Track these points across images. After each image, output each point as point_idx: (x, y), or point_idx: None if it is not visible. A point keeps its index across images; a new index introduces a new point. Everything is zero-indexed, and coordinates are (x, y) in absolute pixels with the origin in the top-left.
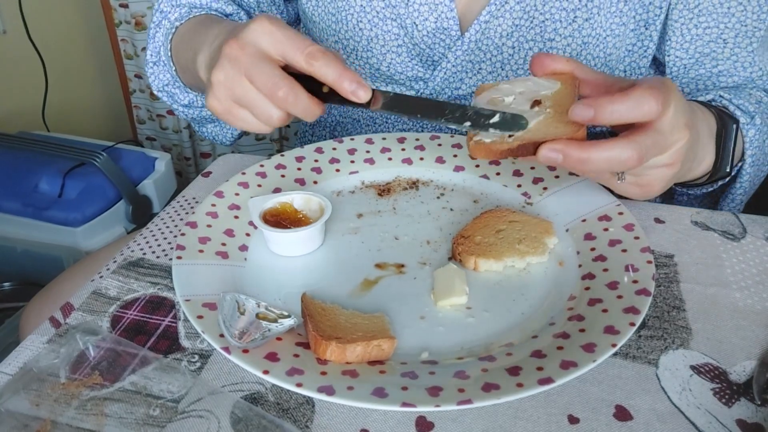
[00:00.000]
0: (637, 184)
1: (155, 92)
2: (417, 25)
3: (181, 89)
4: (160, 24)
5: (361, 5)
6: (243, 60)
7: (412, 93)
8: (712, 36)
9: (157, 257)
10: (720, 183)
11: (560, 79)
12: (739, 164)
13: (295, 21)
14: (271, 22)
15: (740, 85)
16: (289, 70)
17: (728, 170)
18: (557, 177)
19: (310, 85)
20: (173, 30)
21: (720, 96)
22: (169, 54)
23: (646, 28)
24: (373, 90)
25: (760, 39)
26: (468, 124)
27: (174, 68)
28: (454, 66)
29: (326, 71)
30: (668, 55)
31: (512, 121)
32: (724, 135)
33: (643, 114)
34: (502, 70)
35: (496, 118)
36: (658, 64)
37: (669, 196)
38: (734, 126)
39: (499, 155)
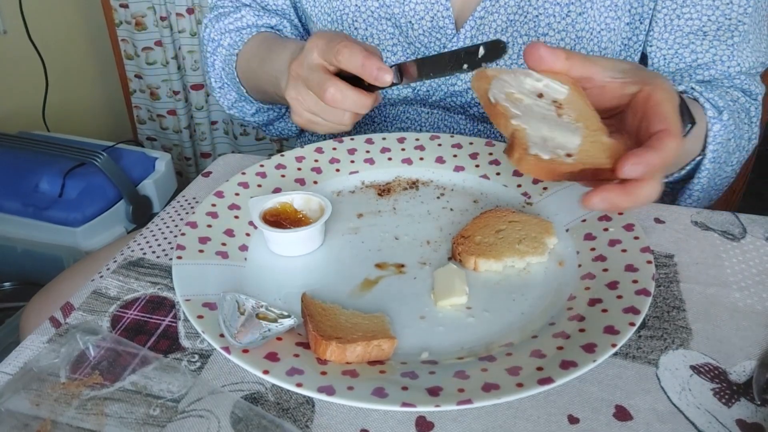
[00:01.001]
0: None
1: (227, 110)
2: (413, 24)
3: (248, 102)
4: (216, 52)
5: (356, 5)
6: (303, 74)
7: (409, 90)
8: (693, 28)
9: (157, 257)
10: (676, 176)
11: (560, 79)
12: (699, 158)
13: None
14: (318, 36)
15: (717, 79)
16: (344, 73)
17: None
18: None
19: (360, 81)
20: (234, 57)
21: (692, 88)
22: (237, 79)
23: (641, 23)
24: (398, 66)
25: (743, 33)
26: (466, 66)
27: (244, 90)
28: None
29: (350, 63)
30: (650, 45)
31: (493, 47)
32: None
33: (672, 160)
34: (497, 65)
35: (481, 52)
36: (643, 57)
37: None
38: (689, 126)
39: (558, 177)
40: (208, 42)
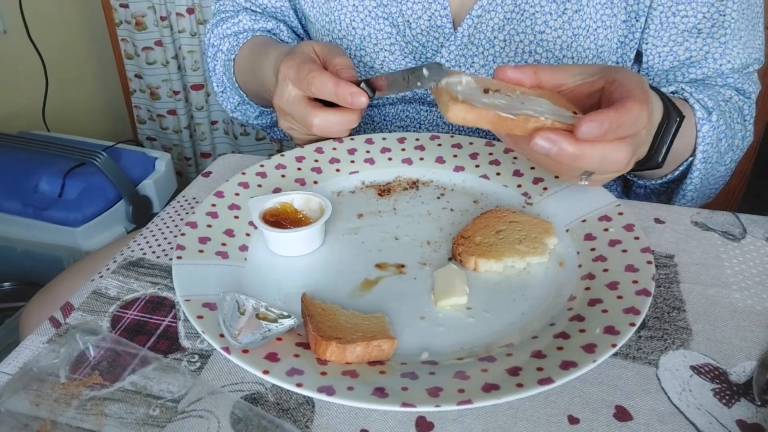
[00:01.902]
0: (595, 180)
1: (230, 114)
2: (410, 23)
3: (250, 106)
4: (216, 57)
5: (354, 5)
6: (285, 109)
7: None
8: (688, 26)
9: (157, 257)
10: (669, 177)
11: (543, 95)
12: (690, 159)
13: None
14: (287, 66)
15: (710, 77)
16: None
17: (659, 161)
18: (557, 177)
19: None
20: (231, 62)
21: (682, 89)
22: (236, 83)
23: (636, 20)
24: (370, 84)
25: (732, 30)
26: (419, 84)
27: (244, 94)
28: (447, 61)
29: (322, 92)
30: (645, 43)
31: (435, 69)
32: (665, 127)
33: (638, 128)
34: (494, 63)
35: (425, 72)
36: (638, 55)
37: (627, 191)
38: (677, 119)
39: (492, 125)
40: (208, 47)
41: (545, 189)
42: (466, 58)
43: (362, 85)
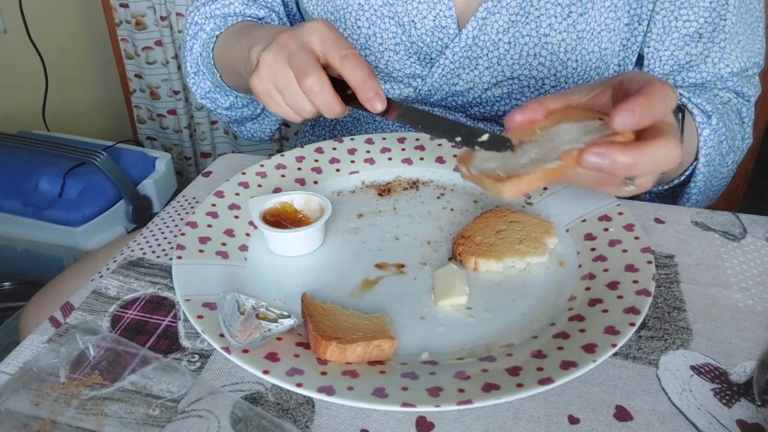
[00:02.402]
0: (640, 185)
1: (199, 100)
2: (415, 23)
3: (222, 94)
4: (197, 36)
5: (359, 3)
6: (290, 48)
7: (410, 90)
8: (689, 30)
9: (157, 257)
10: (675, 182)
11: (560, 118)
12: (694, 164)
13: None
14: (324, 24)
15: (709, 81)
16: (328, 72)
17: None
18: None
19: (339, 88)
20: (213, 39)
21: (680, 94)
22: (212, 62)
23: (639, 23)
24: (390, 101)
25: (729, 34)
26: (459, 139)
27: (218, 74)
28: (451, 63)
29: (354, 73)
30: (647, 47)
31: (500, 141)
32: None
33: (668, 107)
34: (498, 65)
35: (484, 137)
36: (639, 58)
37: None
38: (680, 114)
39: (534, 185)
40: (190, 25)
41: (545, 189)
42: (470, 60)
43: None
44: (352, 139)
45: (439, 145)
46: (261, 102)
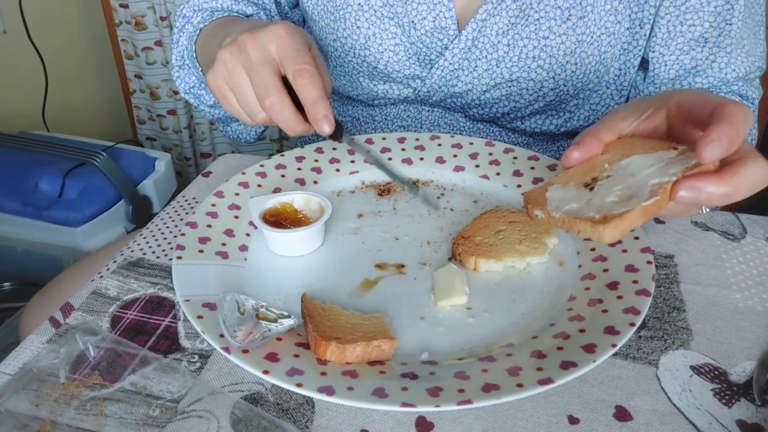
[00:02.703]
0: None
1: (182, 95)
2: (415, 24)
3: (206, 90)
4: (183, 28)
5: (359, 4)
6: (249, 54)
7: (409, 91)
8: (695, 34)
9: (157, 257)
10: None
11: (625, 151)
12: None
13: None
14: (285, 30)
15: (715, 86)
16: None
17: None
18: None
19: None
20: (197, 32)
21: None
22: (194, 55)
23: (641, 27)
24: (338, 126)
25: (736, 38)
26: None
27: (200, 68)
28: (451, 64)
29: (306, 90)
30: (652, 52)
31: (432, 202)
32: None
33: (748, 126)
34: (497, 67)
35: (418, 195)
36: (644, 62)
37: None
38: None
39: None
40: (179, 18)
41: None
42: (469, 61)
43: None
44: (352, 138)
45: (439, 145)
46: (216, 99)
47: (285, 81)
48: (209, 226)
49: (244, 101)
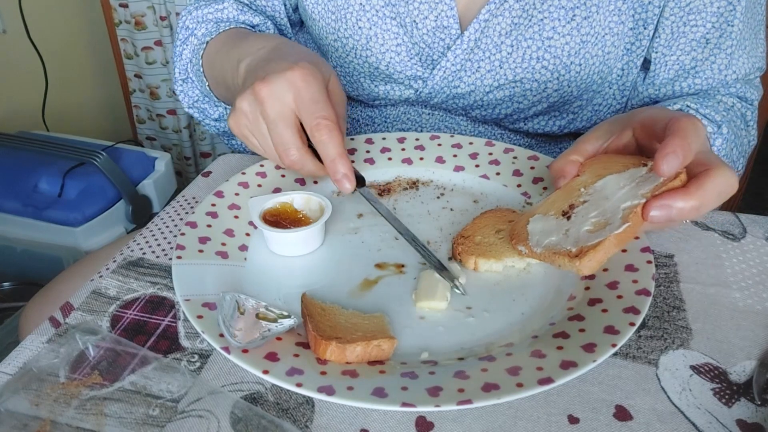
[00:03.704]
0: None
1: (185, 109)
2: (417, 24)
3: (211, 104)
4: (187, 41)
5: (361, 4)
6: (267, 108)
7: (411, 92)
8: (697, 35)
9: (157, 257)
10: None
11: (598, 172)
12: None
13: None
14: (302, 77)
15: (713, 87)
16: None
17: None
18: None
19: None
20: (203, 45)
21: (687, 106)
22: (201, 69)
23: (645, 27)
24: (358, 181)
25: (737, 40)
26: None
27: (206, 83)
28: (453, 65)
29: (324, 148)
30: (655, 52)
31: (448, 276)
32: None
33: (703, 136)
34: (501, 68)
35: (437, 269)
36: (646, 63)
37: None
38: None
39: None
40: (181, 30)
41: (545, 189)
42: (472, 62)
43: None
44: (352, 139)
45: (439, 145)
46: (236, 136)
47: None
48: (209, 226)
49: (268, 149)
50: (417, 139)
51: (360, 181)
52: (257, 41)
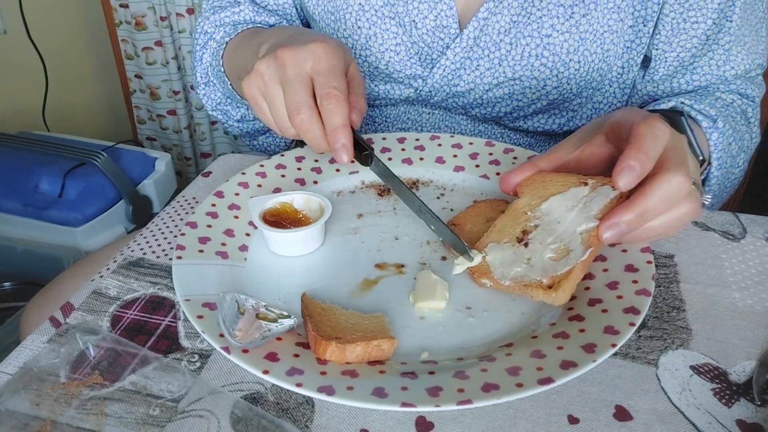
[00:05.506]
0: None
1: (210, 112)
2: (416, 23)
3: (233, 105)
4: (206, 45)
5: (360, 3)
6: (287, 70)
7: (411, 91)
8: (697, 32)
9: (157, 257)
10: None
11: (542, 194)
12: (708, 168)
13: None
14: (324, 48)
15: (713, 84)
16: None
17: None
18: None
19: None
20: (223, 46)
21: (681, 103)
22: (222, 70)
23: (644, 25)
24: (369, 153)
25: (735, 36)
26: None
27: (228, 82)
28: (452, 63)
29: (329, 116)
30: (656, 49)
31: (459, 250)
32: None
33: (661, 140)
34: (500, 66)
35: (454, 245)
36: (646, 60)
37: None
38: (682, 116)
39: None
40: (200, 35)
41: None
42: (471, 60)
43: (368, 154)
44: None
45: (439, 145)
46: (249, 106)
47: None
48: (209, 226)
49: (277, 114)
50: (417, 139)
51: (372, 157)
52: (278, 29)
